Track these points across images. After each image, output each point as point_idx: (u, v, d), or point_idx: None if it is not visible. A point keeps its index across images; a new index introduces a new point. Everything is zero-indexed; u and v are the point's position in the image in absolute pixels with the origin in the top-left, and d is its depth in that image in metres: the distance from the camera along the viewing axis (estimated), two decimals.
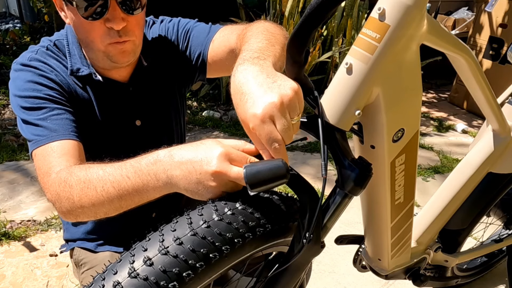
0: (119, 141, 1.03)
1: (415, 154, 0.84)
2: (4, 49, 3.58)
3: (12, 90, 0.91)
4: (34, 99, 0.88)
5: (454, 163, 2.76)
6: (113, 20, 0.84)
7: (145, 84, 1.04)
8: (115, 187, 0.69)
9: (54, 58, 0.95)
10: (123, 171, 0.69)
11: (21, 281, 1.57)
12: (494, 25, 3.44)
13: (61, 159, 0.82)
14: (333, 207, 0.71)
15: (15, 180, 2.21)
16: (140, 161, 0.68)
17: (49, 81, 0.91)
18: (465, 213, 1.23)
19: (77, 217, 0.77)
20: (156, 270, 0.56)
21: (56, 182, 0.77)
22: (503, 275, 1.73)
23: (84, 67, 0.95)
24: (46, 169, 0.81)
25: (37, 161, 0.84)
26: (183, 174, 0.64)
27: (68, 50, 0.96)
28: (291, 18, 3.17)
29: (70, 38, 0.97)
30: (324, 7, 0.58)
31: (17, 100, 0.90)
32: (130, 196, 0.69)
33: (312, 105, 0.71)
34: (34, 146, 0.85)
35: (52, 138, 0.84)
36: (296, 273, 0.74)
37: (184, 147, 0.66)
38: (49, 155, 0.83)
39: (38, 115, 0.87)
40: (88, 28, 0.86)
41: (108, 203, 0.71)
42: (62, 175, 0.77)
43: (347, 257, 1.79)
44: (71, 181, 0.74)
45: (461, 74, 0.90)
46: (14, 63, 0.94)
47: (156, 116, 1.07)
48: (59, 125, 0.87)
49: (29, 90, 0.89)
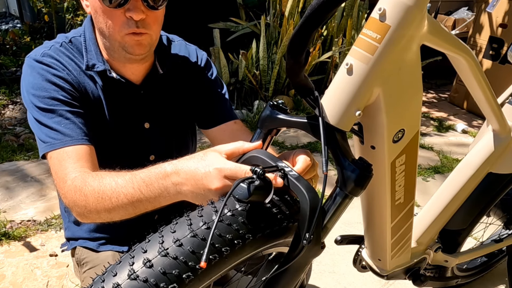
0: (127, 142, 1.04)
1: (416, 155, 0.84)
2: (4, 49, 3.58)
3: (25, 86, 0.93)
4: (48, 100, 0.91)
5: (454, 163, 2.76)
6: (134, 10, 0.87)
7: (157, 90, 1.05)
8: (129, 198, 0.75)
9: (66, 56, 0.96)
10: (135, 184, 0.74)
11: (21, 281, 1.57)
12: (494, 25, 3.44)
13: (76, 164, 0.86)
14: (333, 208, 0.71)
15: (15, 180, 2.20)
16: (149, 176, 0.74)
17: (61, 81, 0.93)
18: (465, 213, 1.22)
19: (94, 220, 0.83)
20: (156, 271, 0.56)
21: (72, 190, 0.81)
22: (503, 275, 1.73)
23: (99, 63, 0.96)
24: (62, 175, 0.85)
25: (53, 165, 0.88)
26: (189, 189, 0.70)
27: (85, 46, 0.97)
28: (291, 18, 3.17)
29: (88, 34, 0.98)
30: (324, 8, 0.58)
31: (30, 97, 0.92)
32: (143, 204, 0.75)
33: (313, 105, 0.71)
34: (48, 148, 0.89)
35: (66, 142, 0.88)
36: (296, 274, 0.74)
37: (188, 161, 0.71)
38: (64, 160, 0.87)
39: (52, 117, 0.90)
40: (108, 16, 0.89)
41: (123, 211, 0.77)
42: (77, 183, 0.81)
43: (347, 257, 1.79)
44: (85, 190, 0.79)
45: (461, 74, 0.90)
46: (27, 58, 0.96)
47: (165, 121, 1.09)
48: (73, 129, 0.90)
49: (42, 89, 0.91)
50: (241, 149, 0.73)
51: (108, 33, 0.92)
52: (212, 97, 1.13)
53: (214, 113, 1.12)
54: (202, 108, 1.13)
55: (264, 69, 3.22)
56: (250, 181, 0.60)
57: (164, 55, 1.04)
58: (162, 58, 1.03)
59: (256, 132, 0.80)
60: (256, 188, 0.60)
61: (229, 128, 1.11)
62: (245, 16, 3.53)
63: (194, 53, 1.13)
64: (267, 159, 0.70)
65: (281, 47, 3.14)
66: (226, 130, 1.11)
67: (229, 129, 1.11)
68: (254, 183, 0.60)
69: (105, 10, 0.88)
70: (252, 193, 0.59)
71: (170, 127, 1.10)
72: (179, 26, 2.69)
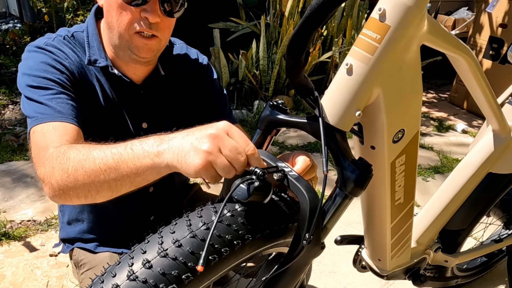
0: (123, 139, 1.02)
1: (415, 155, 0.84)
2: (4, 49, 3.58)
3: (22, 69, 0.91)
4: (43, 79, 0.87)
5: (454, 163, 2.76)
6: (151, 12, 0.87)
7: (157, 91, 1.05)
8: (115, 159, 0.68)
9: (69, 48, 0.95)
10: (128, 144, 0.70)
11: (21, 281, 1.57)
12: (494, 25, 3.44)
13: (62, 138, 0.80)
14: (333, 208, 0.71)
15: (15, 180, 2.20)
16: (148, 137, 0.69)
17: (61, 66, 0.91)
18: (465, 213, 1.22)
19: (65, 195, 0.73)
20: (155, 272, 0.56)
21: (54, 155, 0.74)
22: (503, 275, 1.73)
23: (101, 59, 0.96)
24: (44, 144, 0.78)
25: (35, 137, 0.81)
26: (181, 136, 0.65)
27: (87, 42, 0.97)
28: (291, 18, 3.17)
29: (91, 30, 0.98)
30: (324, 8, 0.58)
31: (24, 78, 0.89)
32: (127, 170, 0.68)
33: (312, 105, 0.71)
34: (34, 122, 0.83)
35: (55, 118, 0.83)
36: (296, 274, 0.74)
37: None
38: (49, 132, 0.80)
39: (44, 94, 0.86)
40: (123, 11, 0.88)
41: (104, 176, 0.69)
42: (61, 149, 0.75)
43: (347, 257, 1.79)
44: (70, 154, 0.73)
45: (461, 74, 0.90)
46: (28, 46, 0.94)
47: (164, 122, 1.08)
48: (65, 108, 0.85)
49: (39, 70, 0.88)
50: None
51: (117, 29, 0.91)
52: (211, 102, 1.13)
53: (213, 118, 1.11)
54: (201, 112, 1.12)
55: (264, 69, 3.22)
56: (249, 182, 0.60)
57: (166, 57, 1.04)
58: (164, 60, 1.03)
59: (256, 132, 0.80)
60: (256, 189, 0.60)
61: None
62: (245, 16, 3.53)
63: (195, 56, 1.13)
64: (267, 160, 0.70)
65: (281, 47, 3.13)
66: None
67: None
68: (254, 184, 0.60)
69: (122, 5, 0.87)
70: (251, 194, 0.59)
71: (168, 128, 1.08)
72: (179, 26, 2.69)
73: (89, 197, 0.72)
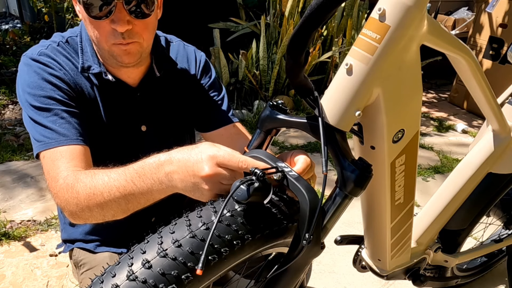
0: (123, 144, 1.03)
1: (415, 155, 0.84)
2: (4, 49, 3.58)
3: (21, 85, 0.92)
4: (44, 99, 0.89)
5: (454, 163, 2.76)
6: (118, 22, 0.84)
7: (154, 92, 1.04)
8: (121, 191, 0.72)
9: (63, 55, 0.95)
10: (128, 176, 0.72)
11: (21, 281, 1.57)
12: (494, 25, 3.43)
13: (69, 164, 0.84)
14: (333, 208, 0.71)
15: (15, 180, 2.20)
16: (143, 166, 0.71)
17: (58, 80, 0.91)
18: (465, 213, 1.22)
19: (86, 220, 0.80)
20: (155, 272, 0.56)
21: (64, 188, 0.79)
22: (503, 275, 1.73)
23: (95, 65, 0.95)
24: (54, 174, 0.83)
25: (46, 164, 0.86)
26: (180, 178, 0.67)
27: (80, 47, 0.96)
28: (291, 18, 3.17)
29: (84, 35, 0.97)
30: (324, 8, 0.58)
31: (26, 96, 0.90)
32: (136, 198, 0.72)
33: (312, 105, 0.71)
34: (42, 147, 0.87)
35: (61, 142, 0.86)
36: (296, 274, 0.74)
37: (181, 150, 0.69)
38: (58, 159, 0.84)
39: (47, 116, 0.88)
40: (95, 26, 0.87)
41: (116, 206, 0.74)
42: (69, 181, 0.79)
43: (347, 257, 1.79)
44: (77, 187, 0.77)
45: (461, 74, 0.89)
46: (23, 56, 0.94)
47: (163, 123, 1.07)
48: (68, 129, 0.88)
49: (38, 88, 0.89)
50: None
51: (96, 42, 0.91)
52: (210, 100, 1.11)
53: (212, 116, 1.11)
54: (200, 111, 1.11)
55: (264, 69, 3.22)
56: (249, 183, 0.60)
57: (161, 57, 1.03)
58: (159, 61, 1.02)
59: (256, 132, 0.80)
60: (255, 190, 0.60)
61: (228, 132, 1.10)
62: (245, 16, 3.53)
63: (192, 54, 1.11)
64: (267, 160, 0.70)
65: (281, 47, 3.13)
66: (224, 134, 1.10)
67: (228, 133, 1.10)
68: (254, 184, 0.60)
69: (91, 20, 0.86)
70: (251, 195, 0.59)
71: (167, 130, 1.09)
72: (179, 26, 2.69)
73: (107, 219, 0.78)
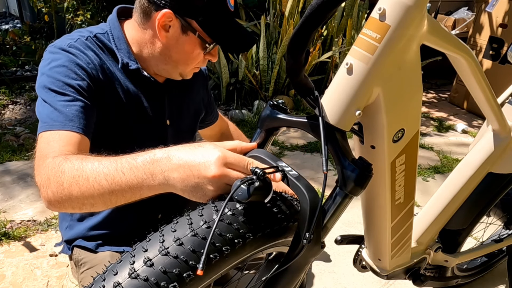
0: (148, 136, 1.05)
1: (416, 154, 0.84)
2: (4, 49, 3.58)
3: (42, 69, 0.90)
4: (62, 83, 0.87)
5: (454, 163, 2.76)
6: (215, 56, 1.01)
7: (176, 89, 1.11)
8: (108, 180, 0.68)
9: (91, 50, 0.95)
10: (119, 165, 0.68)
11: (21, 281, 1.57)
12: (494, 25, 3.44)
13: (64, 148, 0.80)
14: (333, 208, 0.71)
15: (15, 180, 2.21)
16: (136, 158, 0.68)
17: (83, 72, 0.90)
18: (465, 213, 1.23)
19: (61, 206, 0.74)
20: (157, 270, 0.56)
21: (50, 166, 0.74)
22: (503, 275, 1.73)
23: (132, 62, 0.98)
24: (45, 152, 0.79)
25: (40, 143, 0.82)
26: (180, 177, 0.64)
27: (115, 45, 0.98)
28: (291, 18, 3.17)
29: (116, 33, 0.98)
30: (324, 8, 0.58)
31: (44, 80, 0.88)
32: (122, 191, 0.67)
33: (313, 105, 0.71)
34: (44, 128, 0.84)
35: (65, 126, 0.83)
36: (296, 274, 0.74)
37: (182, 148, 0.66)
38: (55, 141, 0.81)
39: (60, 100, 0.86)
40: (190, 54, 0.97)
41: (98, 196, 0.69)
42: (57, 160, 0.75)
43: (347, 257, 1.79)
44: (64, 167, 0.72)
45: (461, 74, 0.90)
46: (50, 46, 0.94)
47: (182, 119, 1.14)
48: (77, 116, 0.86)
49: (60, 73, 0.88)
50: (239, 148, 0.72)
51: (176, 64, 0.99)
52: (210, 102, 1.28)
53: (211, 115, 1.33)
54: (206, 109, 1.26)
55: (264, 69, 3.22)
56: (250, 182, 0.60)
57: None
58: None
59: (256, 132, 0.80)
60: (256, 189, 0.60)
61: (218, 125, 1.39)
62: (245, 16, 3.53)
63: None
64: (267, 159, 0.70)
65: (281, 47, 3.14)
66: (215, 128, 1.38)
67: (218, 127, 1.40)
68: (254, 184, 0.60)
69: (192, 51, 0.96)
70: (251, 194, 0.59)
71: (184, 126, 1.16)
72: None
73: (84, 209, 0.73)
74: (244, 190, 0.59)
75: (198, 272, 0.54)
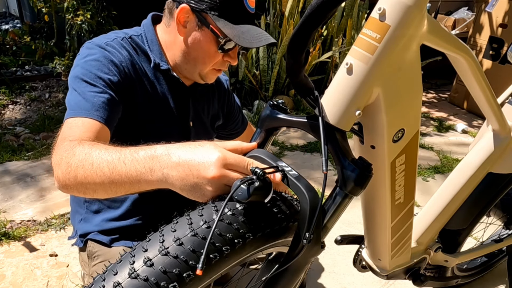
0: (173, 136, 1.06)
1: (416, 154, 0.84)
2: (4, 49, 3.58)
3: (77, 61, 0.96)
4: (94, 75, 0.92)
5: (454, 163, 2.76)
6: (234, 58, 1.03)
7: (199, 94, 1.16)
8: (110, 168, 0.69)
9: (126, 50, 1.00)
10: (122, 156, 0.69)
11: (21, 281, 1.57)
12: (494, 25, 3.44)
13: (85, 134, 0.84)
14: (333, 208, 0.71)
15: (15, 180, 2.21)
16: (138, 152, 0.69)
17: (115, 68, 0.95)
18: (465, 213, 1.23)
19: (68, 188, 0.76)
20: (157, 270, 0.56)
21: (65, 147, 0.78)
22: (503, 275, 1.73)
23: (163, 63, 1.04)
24: (65, 135, 0.83)
25: (64, 128, 0.86)
26: (179, 176, 0.64)
27: (148, 46, 1.04)
28: (291, 18, 3.17)
29: (149, 36, 1.05)
30: (324, 8, 0.59)
31: (77, 70, 0.93)
32: (121, 182, 0.68)
33: (313, 105, 0.71)
34: (71, 114, 0.88)
35: (90, 115, 0.87)
36: (296, 273, 0.74)
37: (182, 147, 0.66)
38: (78, 127, 0.85)
39: (90, 90, 0.90)
40: (207, 51, 0.99)
41: (100, 182, 0.70)
42: (73, 143, 0.78)
43: (347, 257, 1.79)
44: (76, 150, 0.76)
45: (461, 74, 0.90)
46: (88, 43, 1.00)
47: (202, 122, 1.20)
48: (103, 108, 0.89)
49: (94, 67, 0.93)
50: (239, 149, 0.73)
51: (196, 64, 1.02)
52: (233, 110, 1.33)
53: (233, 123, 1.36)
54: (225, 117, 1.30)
55: (264, 69, 3.22)
56: (250, 182, 0.60)
57: None
58: None
59: (256, 132, 0.80)
60: (256, 189, 0.60)
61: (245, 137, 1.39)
62: None
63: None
64: (267, 159, 0.70)
65: (281, 47, 3.14)
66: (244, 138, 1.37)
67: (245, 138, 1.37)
68: (254, 184, 0.60)
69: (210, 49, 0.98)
70: (251, 194, 0.59)
71: (203, 128, 1.20)
72: None
73: (88, 194, 0.75)
74: (244, 190, 0.59)
75: (198, 272, 0.54)
